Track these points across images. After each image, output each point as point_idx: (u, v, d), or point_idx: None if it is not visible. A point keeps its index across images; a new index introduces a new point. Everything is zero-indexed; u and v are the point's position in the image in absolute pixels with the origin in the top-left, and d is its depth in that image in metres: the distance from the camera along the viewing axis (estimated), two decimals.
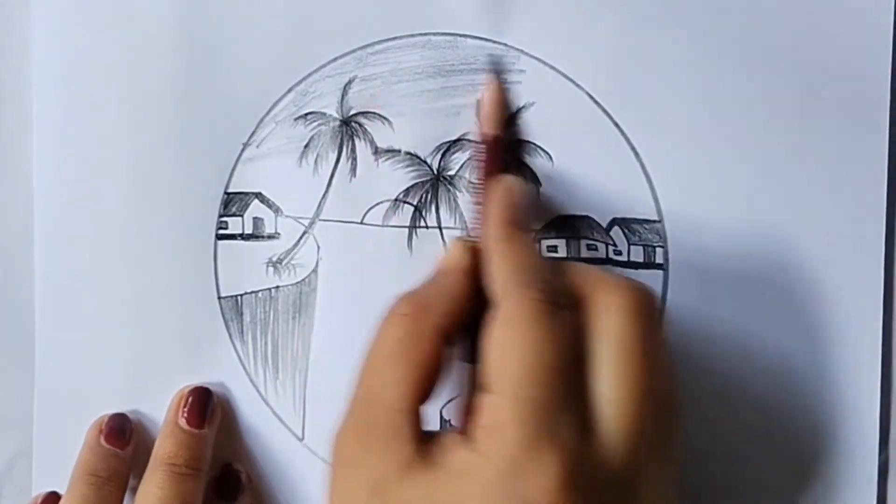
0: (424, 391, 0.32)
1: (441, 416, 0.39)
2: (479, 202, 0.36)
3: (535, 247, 0.34)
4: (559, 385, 0.30)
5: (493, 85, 0.38)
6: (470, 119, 0.39)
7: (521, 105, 0.39)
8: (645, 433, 0.30)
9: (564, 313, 0.31)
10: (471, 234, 0.36)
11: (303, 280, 0.40)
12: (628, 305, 0.31)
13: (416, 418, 0.31)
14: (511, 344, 0.30)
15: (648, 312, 0.31)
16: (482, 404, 0.30)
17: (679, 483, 0.32)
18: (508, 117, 0.39)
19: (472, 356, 0.34)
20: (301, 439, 0.41)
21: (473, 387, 0.33)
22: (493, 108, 0.38)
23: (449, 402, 0.39)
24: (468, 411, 0.32)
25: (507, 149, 0.38)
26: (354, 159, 0.40)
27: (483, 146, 0.38)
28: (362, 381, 0.33)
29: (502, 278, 0.32)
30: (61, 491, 0.39)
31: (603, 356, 0.30)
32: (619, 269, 0.39)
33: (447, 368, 0.33)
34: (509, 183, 0.36)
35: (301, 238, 0.40)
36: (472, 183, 0.38)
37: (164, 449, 0.38)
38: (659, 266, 0.39)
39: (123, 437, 0.40)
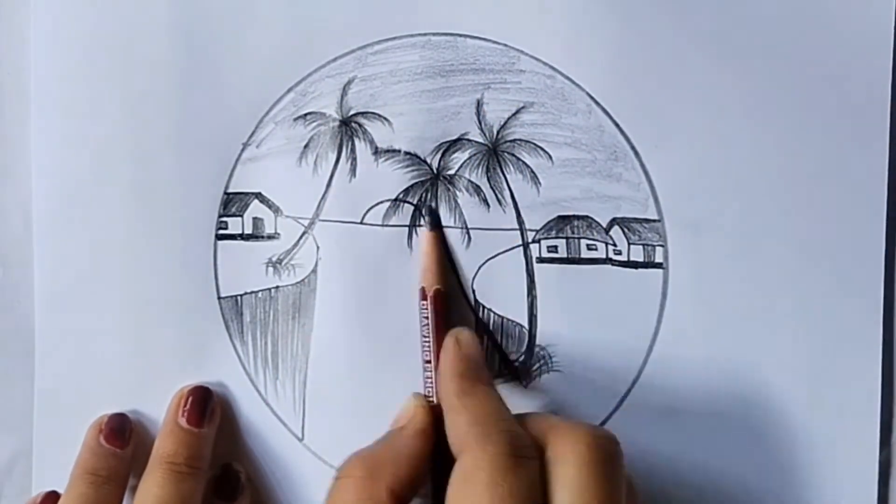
0: None
1: None
2: (430, 360, 0.37)
3: (496, 396, 0.34)
4: None
5: (430, 237, 0.39)
6: (470, 119, 0.39)
7: (521, 105, 0.39)
8: None
9: (526, 465, 0.30)
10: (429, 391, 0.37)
11: (303, 280, 0.40)
12: (585, 454, 0.31)
13: None
14: (471, 500, 0.30)
15: (606, 459, 0.31)
16: None
17: None
18: (448, 266, 0.39)
19: None
20: (301, 439, 0.41)
21: None
22: (432, 261, 0.38)
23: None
24: None
25: (450, 299, 0.38)
26: (354, 159, 0.40)
27: (426, 302, 0.38)
28: None
29: (461, 433, 0.32)
30: (61, 491, 0.39)
31: None
32: (619, 269, 0.39)
33: None
34: (460, 335, 0.36)
35: (301, 238, 0.40)
36: (423, 341, 0.38)
37: (163, 448, 0.38)
38: (659, 265, 0.39)
39: (123, 437, 0.40)
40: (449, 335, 0.36)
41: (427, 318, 0.38)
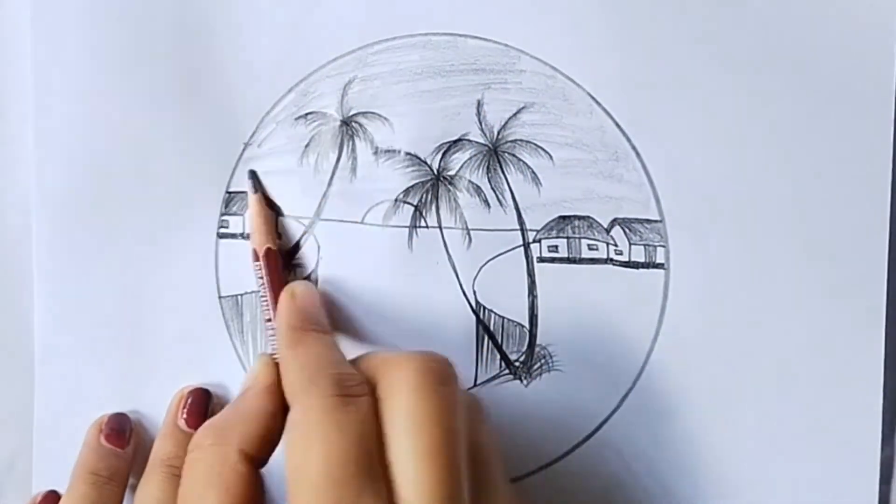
0: None
1: None
2: (269, 318, 0.38)
3: (325, 342, 0.34)
4: (356, 477, 0.29)
5: (255, 199, 0.40)
6: (471, 119, 0.39)
7: (522, 105, 0.39)
8: (453, 499, 0.29)
9: (354, 403, 0.30)
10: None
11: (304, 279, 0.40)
12: (411, 380, 0.30)
13: None
14: (302, 447, 0.30)
15: (433, 381, 0.31)
16: None
17: None
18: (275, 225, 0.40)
19: None
20: None
21: None
22: (258, 221, 0.39)
23: None
24: None
25: (283, 255, 0.39)
26: (355, 159, 0.40)
27: (260, 262, 0.39)
28: None
29: (290, 383, 0.32)
30: (61, 490, 0.39)
31: (397, 436, 0.30)
32: (620, 269, 0.39)
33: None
34: (292, 288, 0.37)
35: (301, 238, 0.40)
36: (262, 300, 0.38)
37: (163, 450, 0.38)
38: (660, 266, 0.38)
39: (123, 437, 0.40)
40: (284, 290, 0.37)
41: (262, 278, 0.38)
